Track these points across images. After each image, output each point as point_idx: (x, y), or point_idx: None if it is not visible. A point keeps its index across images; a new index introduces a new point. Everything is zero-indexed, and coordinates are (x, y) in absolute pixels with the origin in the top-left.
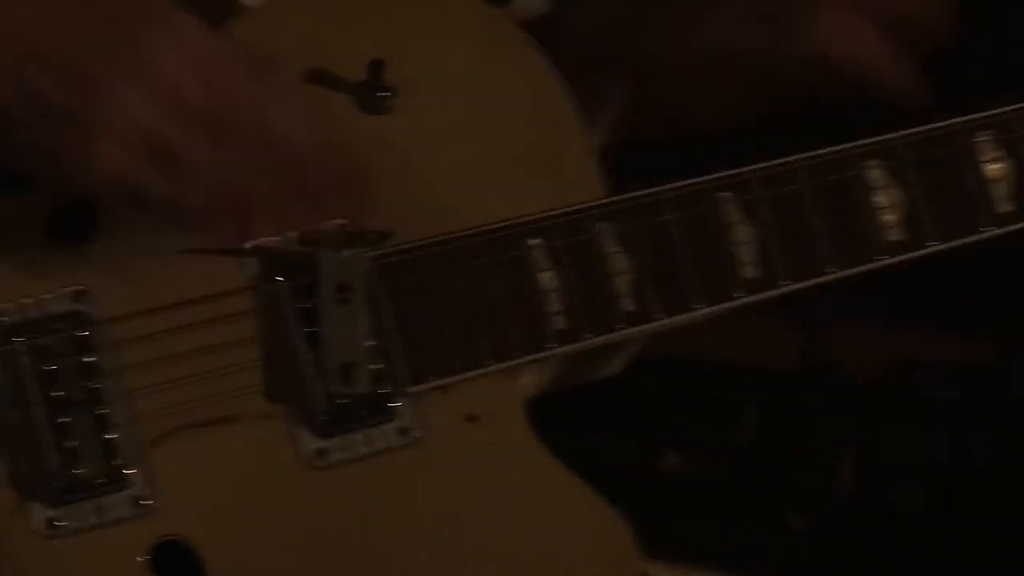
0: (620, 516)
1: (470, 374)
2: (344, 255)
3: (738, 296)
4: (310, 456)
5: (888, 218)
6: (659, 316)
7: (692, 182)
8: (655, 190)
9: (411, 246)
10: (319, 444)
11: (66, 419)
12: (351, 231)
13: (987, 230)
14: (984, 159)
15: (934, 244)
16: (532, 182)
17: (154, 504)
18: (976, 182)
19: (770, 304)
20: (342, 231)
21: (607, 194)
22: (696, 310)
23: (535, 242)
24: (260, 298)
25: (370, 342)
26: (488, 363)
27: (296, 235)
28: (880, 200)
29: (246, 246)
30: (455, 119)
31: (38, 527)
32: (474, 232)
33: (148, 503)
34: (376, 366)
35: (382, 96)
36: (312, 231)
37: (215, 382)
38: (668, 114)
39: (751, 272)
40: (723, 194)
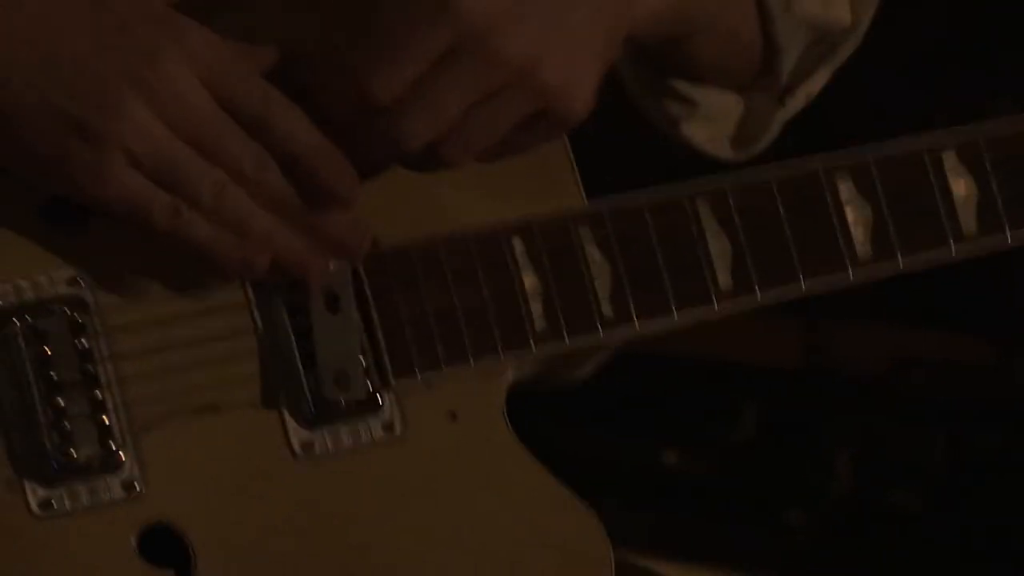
0: (593, 513)
1: (455, 368)
2: (331, 267)
3: (712, 304)
4: (296, 447)
5: (856, 232)
6: (636, 321)
7: (669, 189)
8: (634, 195)
9: (397, 244)
10: (305, 435)
11: (62, 401)
12: None
13: (952, 248)
14: (950, 178)
15: (899, 260)
16: (513, 185)
17: (145, 489)
18: (942, 201)
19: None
20: None
21: (585, 199)
22: (672, 316)
23: (518, 244)
24: (255, 297)
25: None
26: (471, 360)
27: None
28: (849, 212)
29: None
30: None
31: (32, 505)
32: (459, 232)
33: (139, 488)
34: (363, 361)
35: None
36: None
37: (207, 371)
38: None
39: (725, 281)
40: (699, 202)
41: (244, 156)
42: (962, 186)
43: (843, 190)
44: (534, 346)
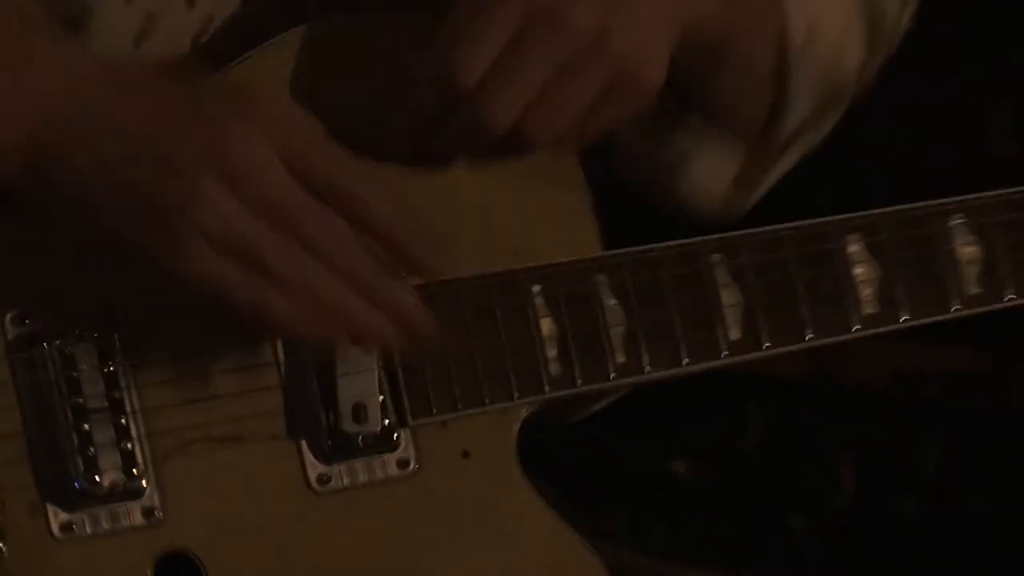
0: (597, 556)
1: (471, 411)
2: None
3: (720, 356)
4: (313, 480)
5: (865, 291)
6: (648, 369)
7: (687, 242)
8: (651, 247)
9: (420, 285)
10: (322, 469)
11: (87, 426)
12: None
13: (957, 310)
14: (957, 242)
15: (905, 320)
16: (534, 233)
17: (164, 516)
18: (949, 263)
19: None
20: None
21: (604, 248)
22: (683, 366)
23: (537, 289)
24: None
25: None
26: (487, 401)
27: None
28: (859, 273)
29: None
30: (465, 172)
31: (53, 529)
32: (480, 276)
33: (159, 515)
34: (381, 398)
35: None
36: None
37: (230, 402)
38: None
39: (735, 333)
40: (714, 256)
41: (320, 228)
42: (968, 251)
43: (853, 249)
44: (548, 390)
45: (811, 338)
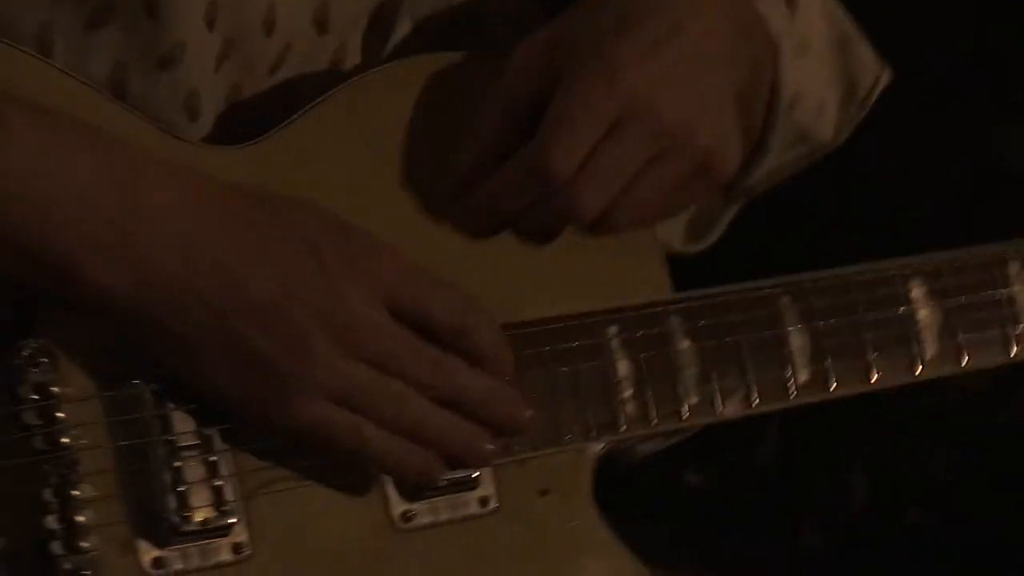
0: None
1: (550, 450)
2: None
3: (788, 398)
4: (397, 517)
5: (925, 334)
6: (720, 409)
7: (758, 285)
8: (723, 289)
9: (503, 325)
10: (406, 507)
11: (180, 463)
12: None
13: (1013, 353)
14: (1015, 286)
15: (962, 363)
16: (606, 276)
17: (252, 552)
18: (1008, 308)
19: None
20: None
21: (671, 289)
22: (753, 407)
23: (613, 330)
24: None
25: None
26: (566, 441)
27: None
28: (920, 316)
29: None
30: None
31: (144, 565)
32: (557, 318)
33: (247, 551)
34: None
35: None
36: None
37: None
38: None
39: (804, 375)
40: (783, 300)
41: (423, 367)
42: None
43: (916, 294)
44: (624, 430)
45: (876, 380)
